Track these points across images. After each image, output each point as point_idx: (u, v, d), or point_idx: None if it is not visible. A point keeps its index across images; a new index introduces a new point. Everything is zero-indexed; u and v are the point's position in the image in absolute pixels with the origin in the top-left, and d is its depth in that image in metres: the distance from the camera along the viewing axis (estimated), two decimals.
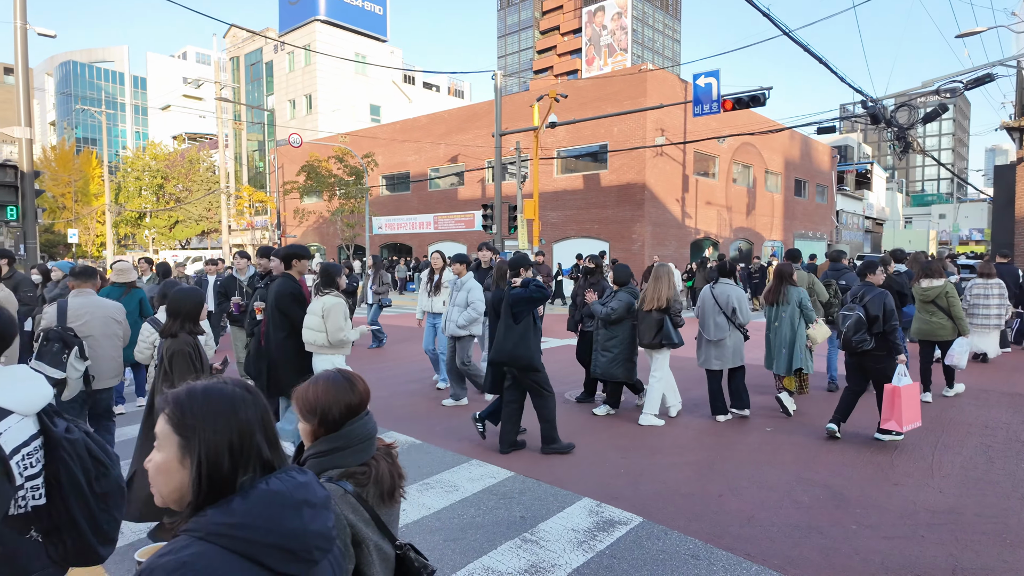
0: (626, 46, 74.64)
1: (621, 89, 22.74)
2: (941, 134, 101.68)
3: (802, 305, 6.27)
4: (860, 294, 5.38)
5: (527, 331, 5.01)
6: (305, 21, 44.57)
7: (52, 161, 45.71)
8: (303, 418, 1.53)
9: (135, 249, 45.43)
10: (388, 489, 1.51)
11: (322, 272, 4.75)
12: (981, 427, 5.79)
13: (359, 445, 1.50)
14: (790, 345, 6.27)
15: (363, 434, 1.52)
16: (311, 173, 26.59)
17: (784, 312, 6.32)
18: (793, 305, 6.28)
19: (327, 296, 4.63)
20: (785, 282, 6.37)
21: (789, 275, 6.39)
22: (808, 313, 6.26)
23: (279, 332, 4.79)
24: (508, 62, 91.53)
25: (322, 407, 1.50)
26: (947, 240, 53.25)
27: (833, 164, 37.54)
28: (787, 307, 6.30)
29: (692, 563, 3.29)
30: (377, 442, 1.56)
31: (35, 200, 10.68)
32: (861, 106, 14.36)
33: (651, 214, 22.81)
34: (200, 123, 68.03)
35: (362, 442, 1.51)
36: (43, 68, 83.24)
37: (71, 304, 4.44)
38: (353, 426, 1.51)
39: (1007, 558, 3.33)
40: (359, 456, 1.50)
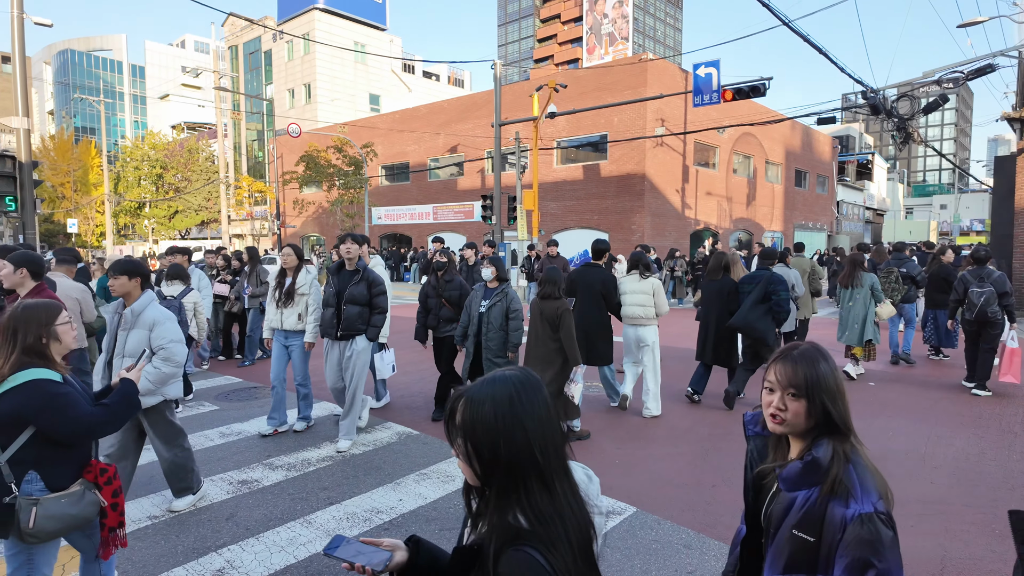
0: (627, 35, 74.15)
1: (621, 79, 22.62)
2: (943, 124, 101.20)
3: (873, 288, 7.28)
4: (982, 276, 6.75)
5: (768, 312, 6.04)
6: (304, 9, 44.26)
7: (51, 150, 45.57)
8: None
9: (135, 239, 45.40)
10: None
11: (632, 260, 6.19)
12: (973, 419, 5.84)
13: None
14: (862, 321, 7.27)
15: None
16: (310, 163, 26.54)
17: (858, 294, 7.33)
18: (866, 288, 7.29)
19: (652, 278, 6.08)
20: (858, 268, 7.37)
21: (861, 263, 7.42)
22: (878, 295, 7.30)
23: (597, 311, 5.92)
24: (508, 51, 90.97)
25: None
26: (948, 231, 53.17)
27: (834, 154, 37.41)
28: (860, 290, 7.32)
29: (684, 552, 3.34)
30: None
31: (34, 190, 10.68)
32: (862, 96, 14.31)
33: (651, 204, 22.78)
34: (199, 112, 67.77)
35: None
36: (41, 57, 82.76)
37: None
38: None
39: (995, 548, 3.38)
40: None
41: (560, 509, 1.04)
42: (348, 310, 5.03)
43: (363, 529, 3.61)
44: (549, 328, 5.02)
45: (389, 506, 3.94)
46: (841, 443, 1.37)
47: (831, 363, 1.40)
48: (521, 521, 1.02)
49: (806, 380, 1.36)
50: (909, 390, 7.03)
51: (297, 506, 3.94)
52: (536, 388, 1.09)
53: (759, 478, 1.52)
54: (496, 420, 1.04)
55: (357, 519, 3.76)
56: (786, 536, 1.37)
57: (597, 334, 5.86)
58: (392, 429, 5.57)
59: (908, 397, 6.69)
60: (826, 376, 1.37)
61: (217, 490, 4.18)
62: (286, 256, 5.45)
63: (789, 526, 1.37)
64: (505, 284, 5.41)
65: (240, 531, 3.58)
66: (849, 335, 7.36)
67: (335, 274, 5.19)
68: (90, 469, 2.30)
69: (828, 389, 1.37)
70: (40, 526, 2.10)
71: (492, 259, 5.51)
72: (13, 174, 10.30)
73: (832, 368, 1.39)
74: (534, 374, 1.14)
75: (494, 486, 1.06)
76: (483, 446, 1.04)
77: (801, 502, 1.36)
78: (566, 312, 5.02)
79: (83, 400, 2.23)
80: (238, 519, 3.75)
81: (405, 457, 4.83)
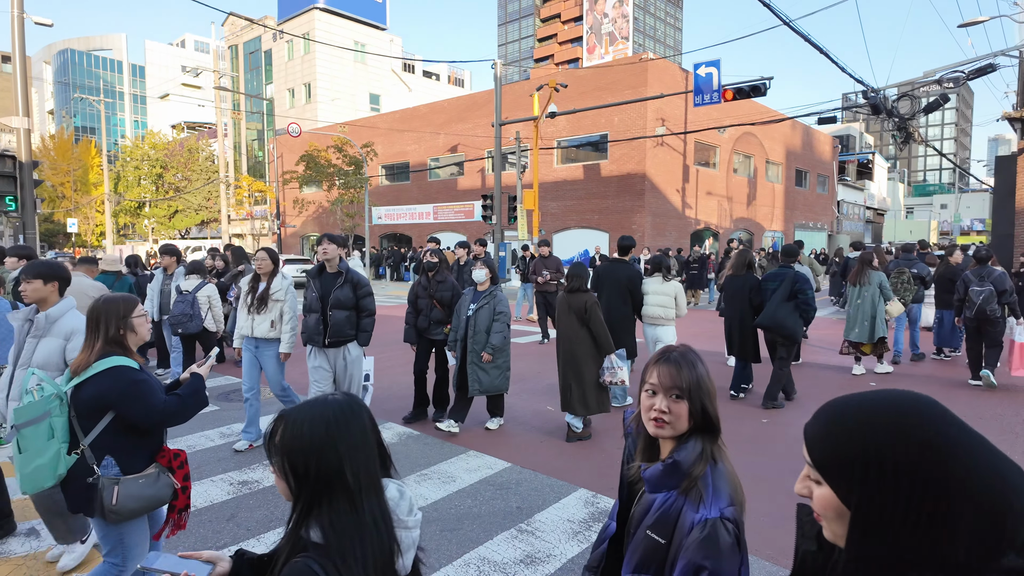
0: (627, 34, 74.13)
1: (622, 78, 22.62)
2: (944, 123, 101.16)
3: (882, 286, 7.39)
4: (983, 275, 6.95)
5: (795, 309, 6.15)
6: (304, 9, 44.25)
7: (51, 150, 45.57)
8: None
9: (135, 239, 45.40)
10: None
11: (654, 263, 6.42)
12: (974, 419, 5.83)
13: None
14: (871, 319, 7.35)
15: None
16: (310, 163, 26.53)
17: (866, 291, 7.43)
18: (874, 286, 7.38)
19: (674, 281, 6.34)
20: (867, 267, 7.51)
21: (870, 261, 7.58)
22: (887, 292, 7.40)
23: (623, 305, 6.16)
24: (508, 50, 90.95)
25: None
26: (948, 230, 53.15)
27: (834, 154, 37.40)
28: (868, 287, 7.41)
29: None
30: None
31: (34, 190, 10.67)
32: (862, 96, 14.30)
33: (651, 204, 22.78)
34: (199, 112, 67.77)
35: None
36: (41, 56, 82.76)
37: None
38: None
39: None
40: None
41: (361, 527, 1.12)
42: (335, 315, 4.77)
43: None
44: (576, 321, 5.12)
45: None
46: (711, 443, 1.40)
47: (705, 365, 1.46)
48: (313, 536, 1.10)
49: (688, 382, 1.39)
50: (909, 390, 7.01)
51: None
52: (355, 414, 1.18)
53: (632, 477, 1.54)
54: (311, 441, 1.12)
55: None
56: (642, 536, 1.39)
57: (622, 327, 6.08)
58: (392, 430, 5.57)
59: None
60: (704, 377, 1.42)
61: (218, 491, 4.18)
62: (260, 261, 5.11)
63: (645, 526, 1.39)
64: (495, 287, 5.32)
65: (241, 532, 3.58)
66: (859, 332, 7.46)
67: (316, 277, 4.93)
68: (163, 454, 2.43)
69: (707, 390, 1.41)
70: (122, 504, 2.24)
71: (485, 260, 5.34)
72: (13, 174, 10.29)
73: (707, 370, 1.44)
74: (358, 400, 1.23)
75: (302, 501, 1.13)
76: (298, 464, 1.12)
77: (659, 503, 1.39)
78: (594, 304, 5.14)
79: (159, 389, 2.35)
80: (239, 520, 3.74)
81: (406, 458, 4.83)
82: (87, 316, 2.36)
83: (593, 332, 5.08)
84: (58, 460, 2.20)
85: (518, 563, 3.25)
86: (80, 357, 2.29)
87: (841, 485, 0.73)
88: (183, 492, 2.44)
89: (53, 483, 2.21)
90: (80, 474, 2.24)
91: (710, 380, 1.42)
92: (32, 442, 2.18)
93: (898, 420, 0.70)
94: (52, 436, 2.19)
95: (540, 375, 7.84)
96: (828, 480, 0.75)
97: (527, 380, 7.57)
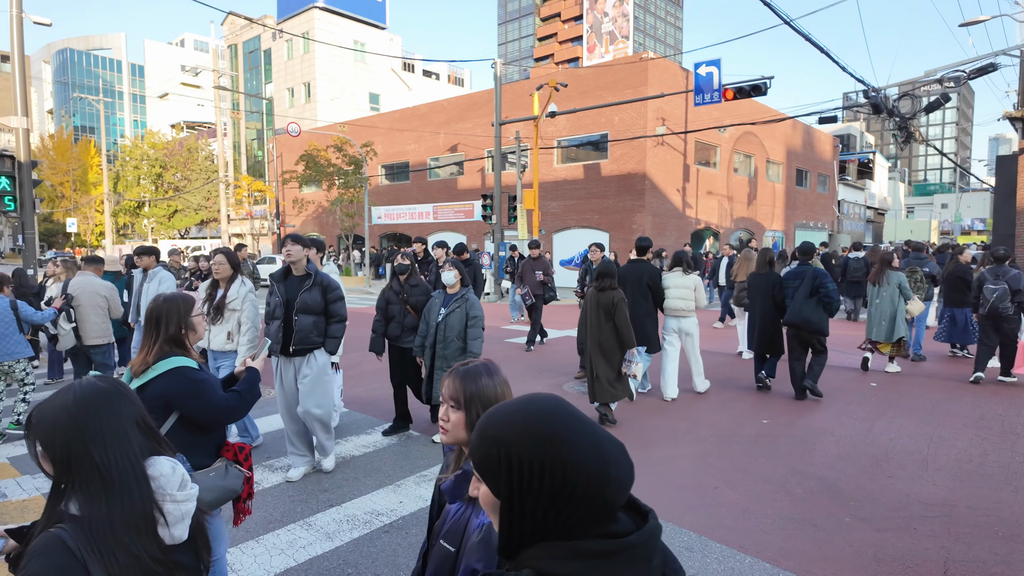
0: (628, 33, 74.06)
1: (622, 77, 22.59)
2: (944, 123, 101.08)
3: (901, 286, 7.52)
4: (999, 273, 7.10)
5: (819, 304, 6.38)
6: (303, 8, 44.20)
7: (50, 150, 45.55)
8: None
9: (134, 238, 45.39)
10: None
11: (675, 258, 6.78)
12: (976, 419, 5.81)
13: None
14: (890, 318, 7.49)
15: None
16: (310, 162, 26.50)
17: (885, 291, 7.58)
18: (893, 286, 7.53)
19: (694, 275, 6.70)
20: (887, 267, 7.66)
21: (890, 262, 7.70)
22: (906, 292, 7.52)
23: (645, 301, 6.41)
24: (508, 49, 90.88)
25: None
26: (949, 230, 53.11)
27: (835, 153, 37.37)
28: (887, 287, 7.56)
29: (686, 555, 3.32)
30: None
31: (33, 190, 10.66)
32: (863, 96, 14.28)
33: (652, 204, 22.75)
34: (198, 111, 67.73)
35: None
36: (40, 56, 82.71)
37: (72, 282, 6.17)
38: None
39: (998, 551, 3.36)
40: None
41: (111, 501, 1.22)
42: (301, 320, 4.33)
43: (363, 532, 3.59)
44: (604, 316, 5.52)
45: (389, 508, 3.92)
46: None
47: (496, 379, 1.49)
48: (72, 508, 1.22)
49: (465, 394, 1.44)
50: (912, 391, 7.01)
51: (297, 508, 3.92)
52: (107, 399, 1.29)
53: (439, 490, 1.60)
54: (55, 428, 1.24)
55: (357, 521, 3.74)
56: (436, 547, 1.41)
57: (647, 321, 6.37)
58: None
59: (911, 398, 6.67)
60: (486, 389, 1.45)
61: None
62: (217, 265, 4.63)
63: (439, 536, 1.41)
64: (466, 289, 5.00)
65: (240, 533, 3.56)
66: (878, 331, 7.63)
67: (280, 281, 4.48)
68: (228, 448, 2.47)
69: (486, 401, 1.43)
70: (199, 496, 2.23)
71: (454, 262, 4.99)
72: (12, 173, 10.28)
73: (496, 383, 1.48)
74: (114, 385, 1.35)
75: (55, 479, 1.24)
76: (47, 448, 1.24)
77: (453, 513, 1.41)
78: (621, 301, 5.52)
79: (218, 387, 2.40)
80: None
81: (405, 459, 4.81)
82: (146, 316, 2.37)
83: (618, 327, 5.47)
84: None
85: None
86: (139, 357, 2.33)
87: (491, 482, 0.86)
88: (247, 482, 2.49)
89: None
90: None
91: (496, 392, 1.45)
92: None
93: (525, 422, 0.84)
94: None
95: (540, 375, 7.82)
96: (484, 480, 0.87)
97: (529, 380, 7.55)
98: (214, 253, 4.79)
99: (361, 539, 3.51)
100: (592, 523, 0.82)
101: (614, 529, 0.84)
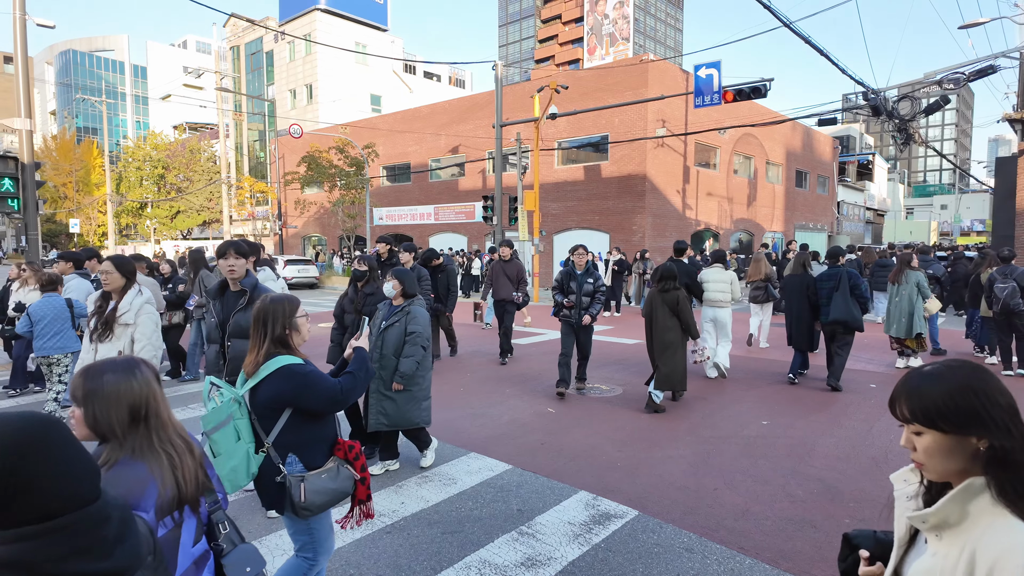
0: (628, 35, 74.14)
1: (622, 79, 22.62)
2: (944, 124, 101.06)
3: (920, 285, 8.00)
4: (1007, 272, 7.58)
5: (854, 302, 6.96)
6: (305, 10, 44.28)
7: (53, 150, 45.64)
8: None
9: (136, 239, 45.45)
10: None
11: (715, 256, 7.85)
12: None
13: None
14: (909, 316, 7.99)
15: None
16: (312, 164, 26.55)
17: (904, 290, 8.06)
18: (911, 285, 7.99)
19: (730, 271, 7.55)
20: (906, 267, 8.14)
21: (909, 262, 8.20)
22: (924, 291, 8.00)
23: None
24: (509, 51, 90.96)
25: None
26: (948, 231, 53.11)
27: (835, 155, 37.38)
28: (906, 286, 8.04)
29: (686, 556, 3.34)
30: None
31: (36, 191, 10.69)
32: (863, 97, 14.30)
33: (652, 205, 22.78)
34: (201, 113, 67.73)
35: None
36: (43, 57, 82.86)
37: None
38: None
39: None
40: None
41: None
42: (235, 347, 3.75)
43: (365, 533, 3.62)
44: (668, 312, 6.16)
45: (391, 509, 3.94)
46: (114, 448, 1.46)
47: (125, 376, 1.50)
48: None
49: (84, 390, 1.49)
50: None
51: None
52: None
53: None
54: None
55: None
56: None
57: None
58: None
59: None
60: (98, 389, 1.46)
61: None
62: (106, 274, 3.97)
63: None
64: (411, 301, 4.40)
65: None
66: (897, 328, 8.11)
67: (216, 298, 3.97)
68: (339, 447, 2.49)
69: (100, 399, 1.46)
70: (311, 499, 2.32)
71: (396, 271, 4.37)
72: (16, 175, 10.31)
73: (118, 381, 1.48)
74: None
75: None
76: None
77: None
78: (683, 299, 6.19)
79: (326, 375, 2.45)
80: (239, 523, 3.75)
81: (407, 460, 4.84)
82: (254, 316, 2.42)
83: (682, 322, 6.13)
84: (249, 460, 2.30)
85: (519, 566, 3.25)
86: (249, 359, 2.39)
87: None
88: (361, 483, 2.50)
89: (247, 481, 2.31)
90: (269, 472, 2.34)
91: (112, 391, 1.45)
92: (222, 446, 2.28)
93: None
94: (239, 439, 2.29)
95: (541, 376, 7.84)
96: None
97: (529, 381, 7.58)
98: (107, 259, 4.17)
99: (363, 540, 3.53)
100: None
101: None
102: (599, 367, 8.29)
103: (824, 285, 7.15)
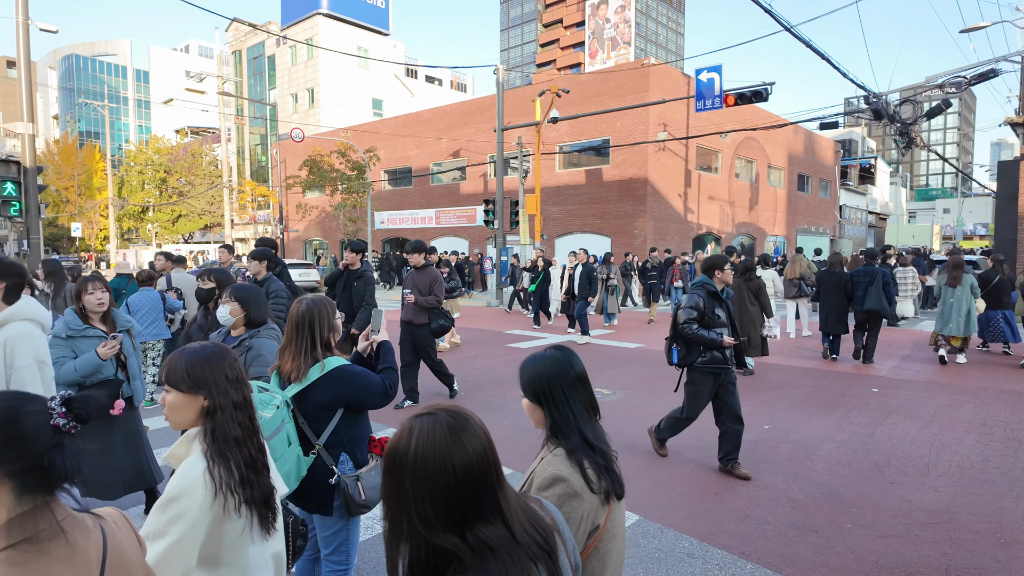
0: (629, 39, 74.29)
1: (624, 83, 22.66)
2: (946, 128, 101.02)
3: (972, 287, 8.59)
4: None
5: (885, 296, 8.47)
6: (307, 15, 44.46)
7: (55, 155, 45.77)
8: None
9: (138, 243, 45.53)
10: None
11: (758, 261, 9.66)
12: (979, 425, 5.81)
13: None
14: (966, 315, 8.52)
15: None
16: (313, 167, 26.60)
17: (960, 291, 8.60)
18: (967, 287, 8.57)
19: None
20: (959, 270, 8.67)
21: (962, 265, 8.75)
22: (975, 292, 8.61)
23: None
24: (511, 55, 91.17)
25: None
26: (951, 235, 53.01)
27: (836, 159, 37.37)
28: (963, 288, 8.59)
29: (687, 561, 3.32)
30: None
31: (38, 195, 10.72)
32: (864, 101, 14.30)
33: (653, 209, 22.78)
34: (203, 117, 67.96)
35: None
36: (46, 61, 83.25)
37: (172, 276, 7.34)
38: None
39: (1000, 557, 3.36)
40: None
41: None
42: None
43: (365, 537, 3.60)
44: (751, 297, 7.84)
45: None
46: None
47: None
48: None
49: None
50: (913, 396, 7.00)
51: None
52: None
53: None
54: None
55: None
56: None
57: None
58: (391, 432, 5.55)
59: (912, 403, 6.66)
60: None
61: None
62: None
63: None
64: (253, 332, 2.99)
65: None
66: (954, 327, 8.63)
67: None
68: (375, 444, 2.55)
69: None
70: (369, 496, 2.37)
71: (236, 289, 3.03)
72: (18, 179, 10.35)
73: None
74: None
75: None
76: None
77: None
78: (763, 285, 7.99)
79: (371, 372, 2.52)
80: None
81: None
82: (296, 321, 2.39)
83: (761, 304, 7.89)
84: (300, 463, 2.31)
85: None
86: (292, 363, 2.36)
87: None
88: None
89: (296, 485, 2.31)
90: (320, 475, 2.34)
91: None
92: (277, 452, 2.28)
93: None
94: (290, 443, 2.30)
95: None
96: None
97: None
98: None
99: (362, 544, 3.52)
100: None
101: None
102: (600, 370, 8.28)
103: (861, 280, 8.52)
